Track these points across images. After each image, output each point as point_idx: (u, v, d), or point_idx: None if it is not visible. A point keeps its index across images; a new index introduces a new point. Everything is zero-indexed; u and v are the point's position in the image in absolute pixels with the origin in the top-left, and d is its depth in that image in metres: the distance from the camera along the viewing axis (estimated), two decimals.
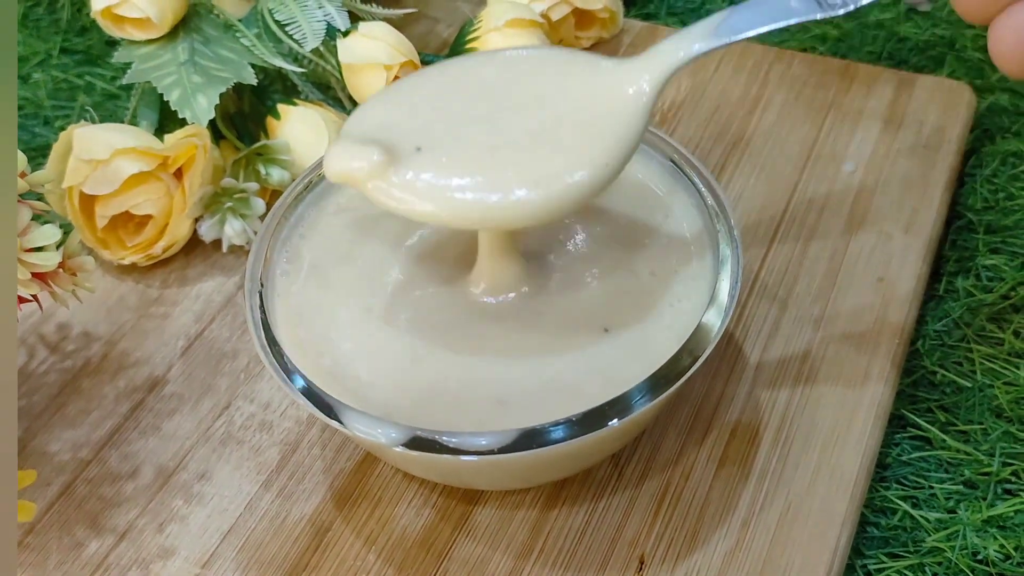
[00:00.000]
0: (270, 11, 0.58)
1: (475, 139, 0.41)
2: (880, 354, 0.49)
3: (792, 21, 0.40)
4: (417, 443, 0.39)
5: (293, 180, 0.53)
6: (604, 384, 0.41)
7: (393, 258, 0.47)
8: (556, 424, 0.39)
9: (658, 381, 0.40)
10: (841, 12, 0.40)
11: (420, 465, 0.43)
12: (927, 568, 0.45)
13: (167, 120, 0.57)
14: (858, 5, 0.39)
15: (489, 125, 0.41)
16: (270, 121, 0.57)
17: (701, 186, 0.46)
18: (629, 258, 0.46)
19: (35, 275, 0.44)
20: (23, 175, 0.45)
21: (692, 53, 0.41)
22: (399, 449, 0.39)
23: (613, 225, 0.47)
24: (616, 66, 0.42)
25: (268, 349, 0.43)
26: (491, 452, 0.39)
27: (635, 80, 0.41)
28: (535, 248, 0.46)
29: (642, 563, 0.43)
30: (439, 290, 0.45)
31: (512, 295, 0.45)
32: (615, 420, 0.39)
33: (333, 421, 0.40)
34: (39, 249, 0.43)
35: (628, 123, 0.40)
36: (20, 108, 0.66)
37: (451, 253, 0.47)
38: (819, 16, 0.40)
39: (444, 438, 0.39)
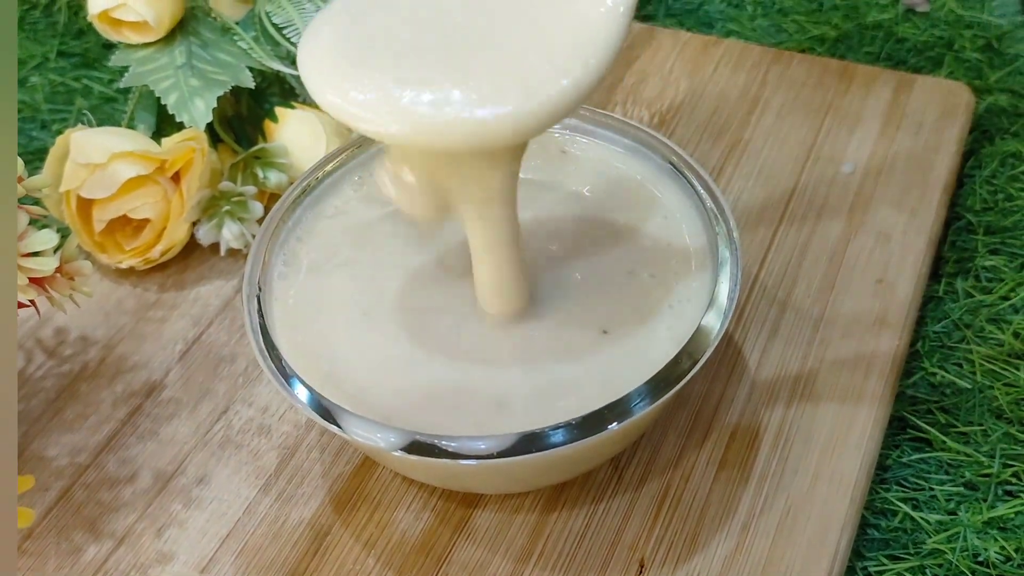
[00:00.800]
0: (267, 14, 0.58)
1: (448, 56, 0.38)
2: (880, 356, 0.49)
3: None
4: (416, 447, 0.39)
5: (291, 183, 0.53)
6: (603, 387, 0.41)
7: (391, 261, 0.47)
8: (555, 428, 0.39)
9: (657, 384, 0.40)
10: None
11: (419, 469, 0.43)
12: (928, 570, 0.44)
13: (164, 123, 0.56)
14: None
15: (463, 41, 0.38)
16: (268, 124, 0.57)
17: (700, 188, 0.46)
18: (628, 260, 0.46)
19: (32, 280, 0.44)
20: (20, 179, 0.45)
21: None
22: (398, 453, 0.39)
23: (612, 227, 0.47)
24: None
25: (266, 353, 0.43)
26: (490, 456, 0.39)
27: None
28: (532, 250, 0.46)
29: (642, 566, 0.43)
30: (437, 292, 0.45)
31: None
32: (614, 423, 0.39)
33: (332, 425, 0.40)
34: (36, 254, 0.43)
35: (607, 33, 0.38)
36: (17, 112, 0.66)
37: (449, 255, 0.47)
38: None
39: (443, 442, 0.39)
